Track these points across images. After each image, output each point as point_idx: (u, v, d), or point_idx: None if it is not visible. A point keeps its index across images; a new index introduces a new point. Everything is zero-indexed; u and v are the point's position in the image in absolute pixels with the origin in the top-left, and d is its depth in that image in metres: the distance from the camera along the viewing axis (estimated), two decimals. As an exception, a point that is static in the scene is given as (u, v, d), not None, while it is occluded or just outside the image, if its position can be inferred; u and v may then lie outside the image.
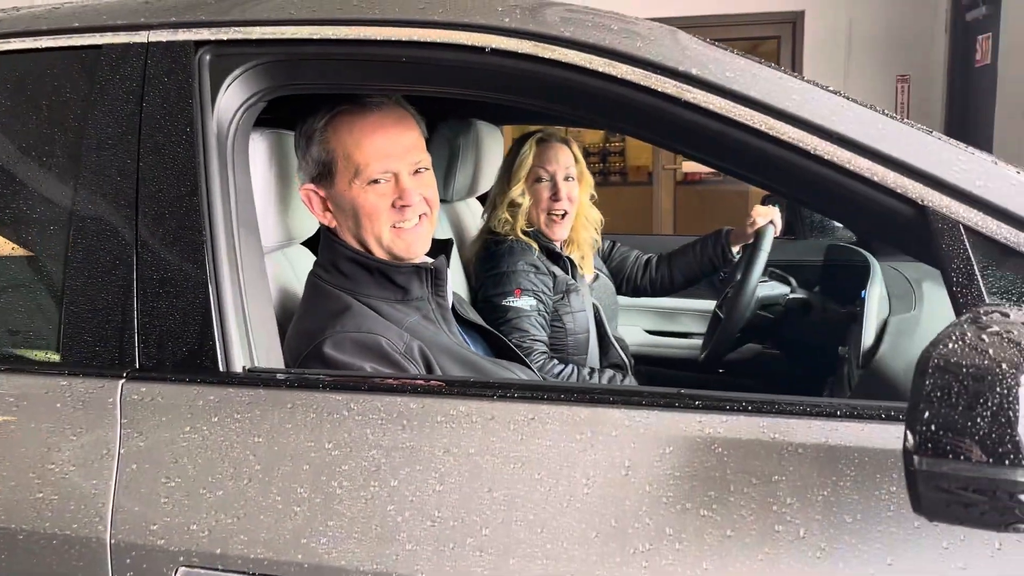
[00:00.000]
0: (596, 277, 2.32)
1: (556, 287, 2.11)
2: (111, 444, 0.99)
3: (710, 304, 2.41)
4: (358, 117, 1.32)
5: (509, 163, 2.17)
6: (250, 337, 1.07)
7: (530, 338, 2.01)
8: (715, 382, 2.33)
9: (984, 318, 0.70)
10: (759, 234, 2.03)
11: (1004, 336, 0.67)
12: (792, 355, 2.36)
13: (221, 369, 1.02)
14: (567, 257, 2.17)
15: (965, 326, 0.68)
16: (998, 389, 0.63)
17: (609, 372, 2.04)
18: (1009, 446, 0.62)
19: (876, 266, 1.83)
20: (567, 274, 2.14)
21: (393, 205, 1.33)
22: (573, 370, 2.00)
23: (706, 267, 2.32)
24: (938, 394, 0.65)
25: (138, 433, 0.99)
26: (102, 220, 1.08)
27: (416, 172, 1.35)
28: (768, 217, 2.09)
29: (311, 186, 1.35)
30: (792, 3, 6.01)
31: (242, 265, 1.09)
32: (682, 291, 2.46)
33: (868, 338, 1.51)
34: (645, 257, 2.48)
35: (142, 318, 1.05)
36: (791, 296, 2.11)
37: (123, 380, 1.02)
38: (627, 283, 2.48)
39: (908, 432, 0.67)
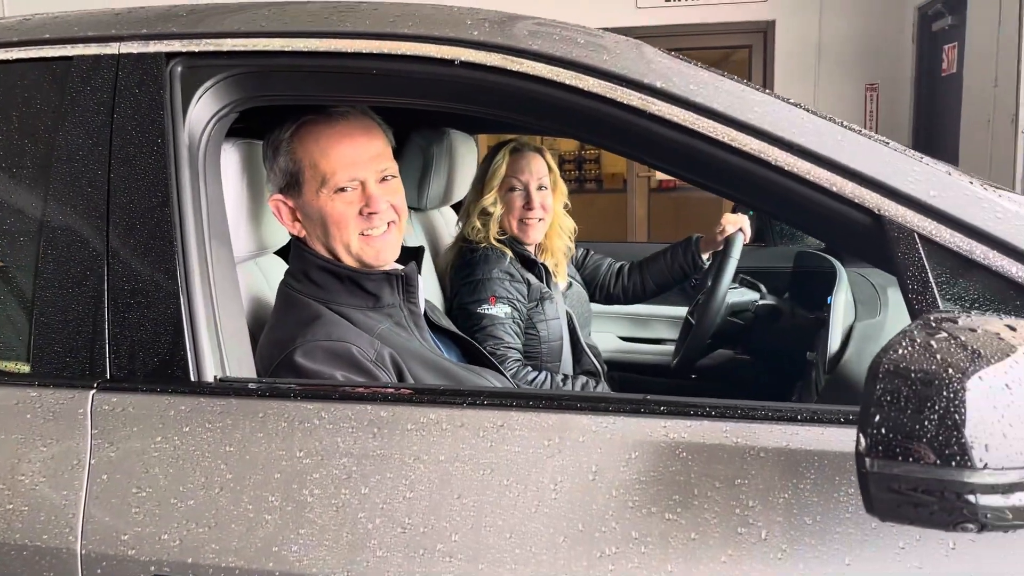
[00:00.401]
0: (569, 285, 2.34)
1: (530, 295, 2.12)
2: (82, 455, 1.00)
3: (683, 311, 2.44)
4: (324, 127, 1.33)
5: (483, 172, 2.19)
6: (222, 347, 1.07)
7: (504, 345, 2.02)
8: (688, 388, 2.35)
9: (933, 324, 0.72)
10: (728, 241, 2.06)
11: (952, 341, 0.69)
12: (762, 360, 2.39)
13: (192, 379, 1.03)
14: (542, 264, 2.19)
15: (915, 332, 0.71)
16: (945, 393, 0.65)
17: (582, 379, 2.06)
18: (956, 448, 0.65)
19: (842, 273, 1.86)
20: (541, 282, 2.16)
21: (360, 213, 1.34)
22: (547, 377, 2.02)
23: (677, 274, 2.35)
24: (888, 398, 0.67)
25: (109, 443, 0.99)
26: (73, 231, 1.08)
27: (383, 180, 1.37)
28: (737, 225, 2.12)
29: (279, 196, 1.36)
30: (763, 13, 6.10)
31: (213, 275, 1.09)
32: (654, 298, 2.49)
33: (834, 343, 1.54)
34: (618, 265, 2.50)
35: (113, 328, 1.05)
36: (760, 302, 2.15)
37: (94, 391, 1.02)
38: (600, 291, 2.50)
39: (860, 435, 0.69)
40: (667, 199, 7.21)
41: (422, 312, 1.46)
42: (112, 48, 1.12)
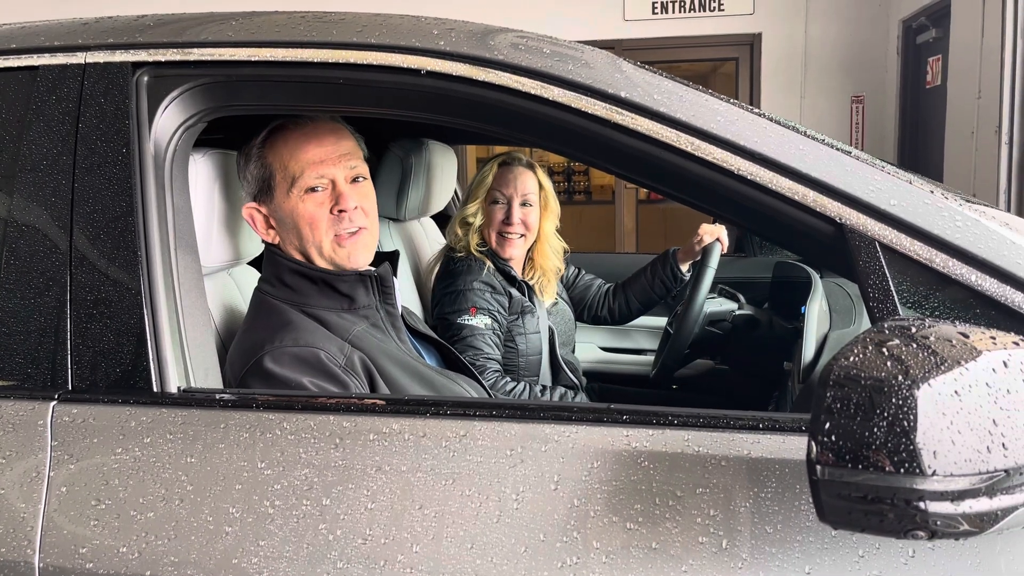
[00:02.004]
0: (555, 302, 2.33)
1: (511, 307, 2.12)
2: (41, 467, 0.98)
3: (662, 321, 2.44)
4: (293, 130, 1.34)
5: (472, 182, 2.20)
6: (186, 357, 1.07)
7: (483, 356, 2.02)
8: (667, 398, 2.35)
9: (887, 331, 0.72)
10: (706, 251, 2.06)
11: (903, 348, 0.69)
12: (742, 370, 2.39)
13: (155, 390, 1.02)
14: (522, 281, 2.18)
15: (867, 340, 0.71)
16: (894, 400, 0.65)
17: (560, 390, 2.06)
18: (904, 455, 0.64)
19: (818, 282, 1.86)
20: (523, 296, 2.15)
21: (332, 212, 1.34)
22: (525, 387, 2.01)
23: (659, 289, 2.34)
24: (838, 405, 0.67)
25: (69, 456, 0.98)
26: (36, 240, 1.07)
27: (354, 180, 1.37)
28: (715, 235, 2.13)
29: (253, 204, 1.36)
30: (749, 26, 6.14)
31: (179, 285, 1.09)
32: (641, 316, 2.47)
33: (808, 353, 1.54)
34: (606, 286, 2.48)
35: (75, 339, 1.04)
36: (738, 312, 2.15)
37: (54, 402, 1.01)
38: (588, 312, 2.48)
39: (811, 442, 0.69)
40: (655, 210, 7.23)
41: (399, 314, 1.45)
42: (78, 58, 1.12)
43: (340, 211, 1.34)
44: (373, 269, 1.41)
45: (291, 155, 1.33)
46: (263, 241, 1.41)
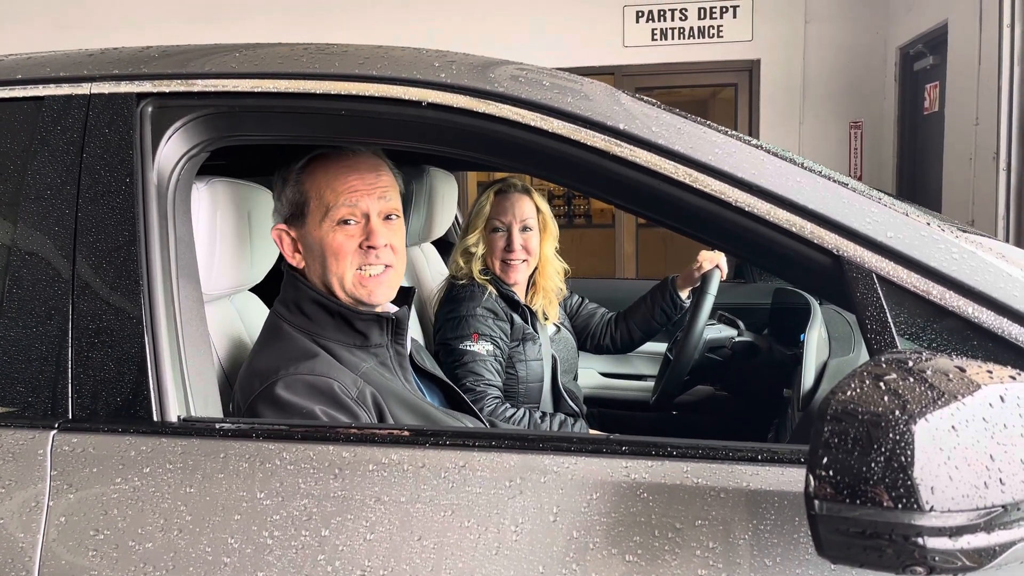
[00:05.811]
0: (558, 330, 2.33)
1: (513, 334, 2.12)
2: (40, 497, 0.98)
3: (662, 347, 2.44)
4: (333, 160, 1.36)
5: (470, 212, 2.21)
6: (187, 386, 1.07)
7: (484, 382, 2.02)
8: (667, 423, 2.35)
9: (884, 365, 0.72)
10: (705, 278, 2.07)
11: (901, 383, 0.69)
12: (741, 397, 2.39)
13: (155, 419, 1.02)
14: (525, 306, 2.19)
15: (864, 374, 0.71)
16: (891, 435, 0.65)
17: (560, 416, 2.05)
18: (902, 490, 0.64)
19: (817, 309, 1.87)
20: (525, 322, 2.16)
21: (360, 246, 1.35)
22: (525, 413, 2.01)
23: (659, 317, 2.34)
24: (836, 440, 0.68)
25: (68, 485, 0.98)
26: (38, 269, 1.08)
27: (387, 218, 1.38)
28: (714, 262, 2.13)
29: (283, 226, 1.38)
30: (748, 52, 6.19)
31: (180, 314, 1.09)
32: (643, 344, 2.46)
33: (807, 381, 1.54)
34: (609, 315, 2.49)
35: (76, 368, 1.04)
36: (738, 339, 2.15)
37: (54, 431, 1.01)
38: (591, 340, 2.49)
39: (809, 476, 0.69)
40: (655, 235, 7.23)
41: (408, 354, 1.46)
42: (83, 88, 1.13)
43: (369, 247, 1.35)
44: (392, 310, 1.41)
45: (328, 184, 1.34)
46: (285, 265, 1.42)
